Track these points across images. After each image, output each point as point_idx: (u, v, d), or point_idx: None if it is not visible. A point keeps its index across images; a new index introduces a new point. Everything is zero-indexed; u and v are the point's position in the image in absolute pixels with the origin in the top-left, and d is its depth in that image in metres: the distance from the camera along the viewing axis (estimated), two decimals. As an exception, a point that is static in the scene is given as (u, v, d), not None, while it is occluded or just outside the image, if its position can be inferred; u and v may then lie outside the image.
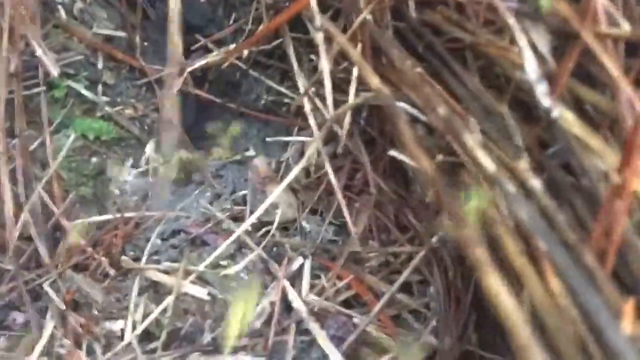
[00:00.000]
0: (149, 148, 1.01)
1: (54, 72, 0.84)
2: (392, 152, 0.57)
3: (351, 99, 0.66)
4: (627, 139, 0.36)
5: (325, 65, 0.65)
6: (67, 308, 0.80)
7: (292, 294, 0.80)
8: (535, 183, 0.39)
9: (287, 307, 0.81)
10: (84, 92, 0.97)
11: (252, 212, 0.97)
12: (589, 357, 0.32)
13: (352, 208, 0.89)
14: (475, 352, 0.63)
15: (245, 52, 1.01)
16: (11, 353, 0.79)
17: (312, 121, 0.75)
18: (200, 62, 1.02)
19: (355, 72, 0.66)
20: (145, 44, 1.12)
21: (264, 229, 0.93)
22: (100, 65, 1.01)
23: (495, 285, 0.33)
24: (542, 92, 0.43)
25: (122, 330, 0.80)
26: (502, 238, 0.37)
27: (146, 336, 0.80)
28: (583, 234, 0.36)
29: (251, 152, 1.09)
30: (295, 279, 0.84)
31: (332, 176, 0.74)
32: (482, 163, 0.40)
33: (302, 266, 0.85)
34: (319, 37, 0.68)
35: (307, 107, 0.76)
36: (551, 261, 0.34)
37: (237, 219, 0.97)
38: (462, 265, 0.66)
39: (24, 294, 0.82)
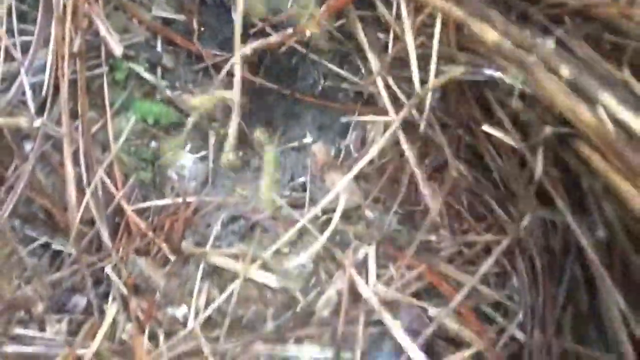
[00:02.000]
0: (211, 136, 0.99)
1: (117, 51, 0.82)
2: (487, 128, 0.52)
3: (432, 76, 0.61)
4: None
5: (408, 35, 0.60)
6: (129, 292, 0.79)
7: (360, 283, 0.76)
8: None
9: (354, 297, 0.78)
10: (145, 74, 0.95)
11: (311, 200, 0.94)
12: None
13: (419, 195, 0.85)
14: (570, 349, 0.58)
15: (308, 34, 0.97)
16: (73, 338, 0.77)
17: (387, 101, 0.70)
18: (258, 43, 0.99)
19: (435, 44, 0.61)
20: (202, 28, 1.11)
21: (325, 217, 0.89)
22: (159, 48, 0.99)
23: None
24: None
25: (185, 317, 0.78)
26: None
27: (209, 322, 0.78)
28: None
29: (308, 139, 1.05)
30: (361, 268, 0.80)
31: (409, 152, 0.70)
32: (629, 124, 0.35)
33: (367, 255, 0.81)
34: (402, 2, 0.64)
35: (381, 87, 0.72)
36: None
37: (296, 206, 0.94)
38: (552, 255, 0.61)
39: (86, 278, 0.80)
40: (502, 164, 0.66)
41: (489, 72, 0.50)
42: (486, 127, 0.53)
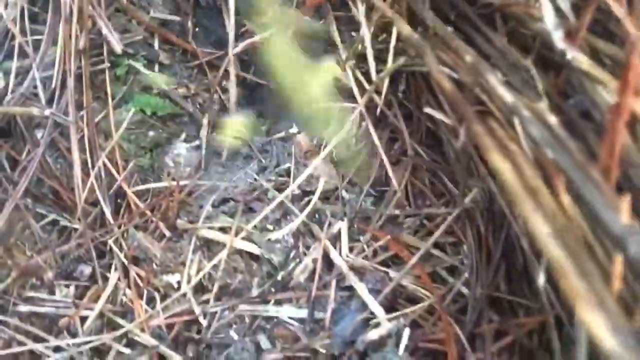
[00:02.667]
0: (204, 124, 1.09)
1: (118, 49, 0.92)
2: (427, 110, 0.62)
3: (388, 67, 0.71)
4: (626, 59, 0.39)
5: (365, 30, 0.70)
6: (129, 262, 0.89)
7: (333, 253, 0.86)
8: (552, 118, 0.44)
9: (328, 265, 0.87)
10: (143, 70, 1.05)
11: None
12: (593, 253, 0.37)
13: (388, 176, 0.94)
14: (504, 299, 0.67)
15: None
16: (80, 301, 0.87)
17: (353, 87, 0.80)
18: (246, 43, 1.09)
19: (393, 40, 0.71)
20: (197, 29, 1.20)
21: (306, 199, 0.99)
22: (156, 46, 1.09)
23: (498, 161, 0.38)
24: (558, 37, 0.48)
25: (179, 283, 0.87)
26: (521, 165, 0.41)
27: (200, 289, 0.87)
28: (593, 160, 0.41)
29: (294, 129, 1.15)
30: (335, 240, 0.90)
31: (375, 138, 0.80)
32: (502, 96, 0.44)
33: (341, 229, 0.91)
34: (359, 6, 0.74)
35: (349, 74, 0.82)
36: (558, 169, 0.38)
37: (281, 189, 1.04)
38: (494, 222, 0.70)
39: (91, 249, 0.90)
40: (453, 144, 0.76)
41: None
42: (427, 109, 0.62)
